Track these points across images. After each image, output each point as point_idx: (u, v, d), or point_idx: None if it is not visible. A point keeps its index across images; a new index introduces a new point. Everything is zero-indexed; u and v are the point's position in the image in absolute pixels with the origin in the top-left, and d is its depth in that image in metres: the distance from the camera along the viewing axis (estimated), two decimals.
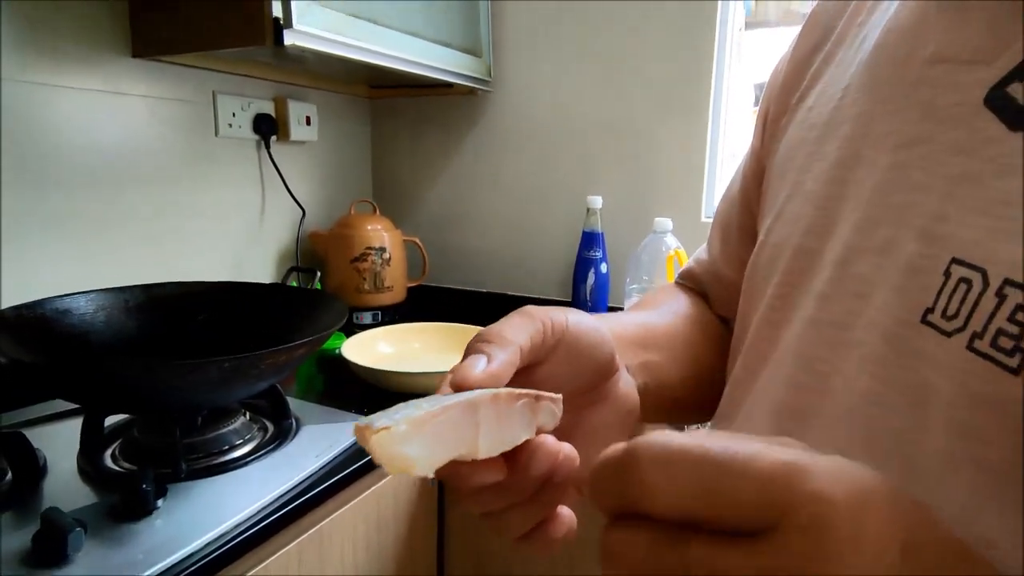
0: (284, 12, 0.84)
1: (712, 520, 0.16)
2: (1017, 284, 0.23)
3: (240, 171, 1.18)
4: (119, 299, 0.80)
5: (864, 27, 0.34)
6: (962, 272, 0.24)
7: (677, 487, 0.16)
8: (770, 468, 0.16)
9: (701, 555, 0.16)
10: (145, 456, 0.69)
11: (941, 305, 0.25)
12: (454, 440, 0.22)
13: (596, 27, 1.21)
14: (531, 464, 0.25)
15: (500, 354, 0.27)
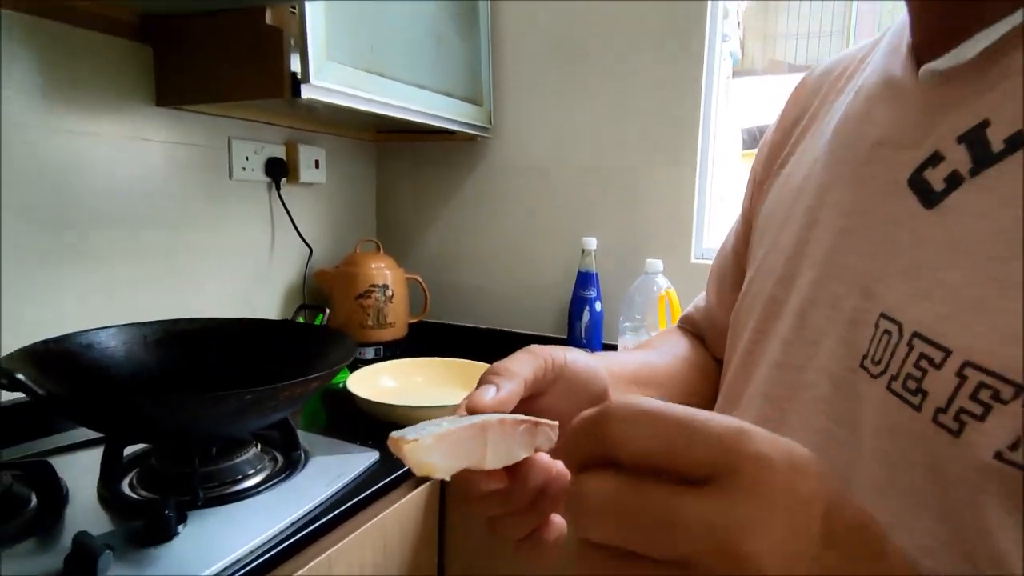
0: (302, 68, 0.91)
1: (670, 470, 0.19)
2: (922, 337, 0.28)
3: (252, 212, 1.23)
4: (139, 334, 0.85)
5: (832, 106, 0.40)
6: (886, 325, 0.30)
7: (642, 439, 0.19)
8: (722, 429, 0.19)
9: (660, 498, 0.19)
10: (162, 485, 0.72)
11: (872, 352, 0.30)
12: (467, 453, 0.27)
13: (590, 78, 1.28)
14: (528, 476, 0.30)
15: (507, 384, 0.32)
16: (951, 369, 0.26)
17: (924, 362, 0.27)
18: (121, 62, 0.98)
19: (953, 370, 0.26)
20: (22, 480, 0.68)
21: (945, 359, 0.27)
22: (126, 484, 0.73)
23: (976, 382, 0.25)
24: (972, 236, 0.27)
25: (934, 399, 0.27)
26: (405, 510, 0.85)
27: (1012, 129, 0.27)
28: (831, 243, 0.34)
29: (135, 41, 0.99)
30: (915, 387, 0.27)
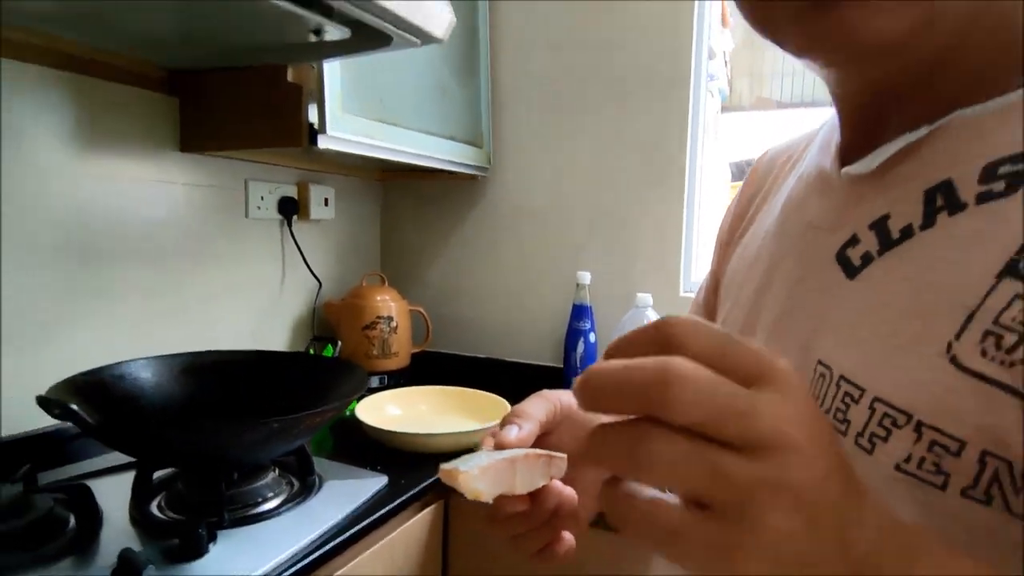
0: (319, 119, 0.99)
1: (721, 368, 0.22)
2: (846, 379, 0.35)
3: (265, 247, 1.30)
4: (167, 365, 0.91)
5: (781, 187, 0.49)
6: (821, 369, 0.37)
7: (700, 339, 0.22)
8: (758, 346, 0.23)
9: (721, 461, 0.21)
10: (188, 507, 0.78)
11: (812, 390, 0.37)
12: (503, 481, 0.35)
13: (583, 120, 1.37)
14: (546, 499, 0.38)
15: (527, 425, 0.40)
16: (865, 403, 0.33)
17: (847, 398, 0.34)
18: (149, 112, 1.06)
19: (867, 404, 0.33)
20: (63, 503, 0.74)
21: (861, 395, 0.34)
22: (155, 506, 0.79)
23: (882, 413, 0.32)
24: (880, 302, 0.35)
25: (855, 426, 0.34)
26: (412, 530, 0.91)
27: (905, 223, 0.35)
28: (781, 306, 0.42)
29: (163, 93, 1.07)
30: (842, 417, 0.35)
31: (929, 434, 0.30)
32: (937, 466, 0.30)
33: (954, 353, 0.30)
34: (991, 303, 0.29)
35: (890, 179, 0.36)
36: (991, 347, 0.29)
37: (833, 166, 0.41)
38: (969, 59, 0.34)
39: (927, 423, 0.30)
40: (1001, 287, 0.29)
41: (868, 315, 0.35)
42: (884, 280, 0.35)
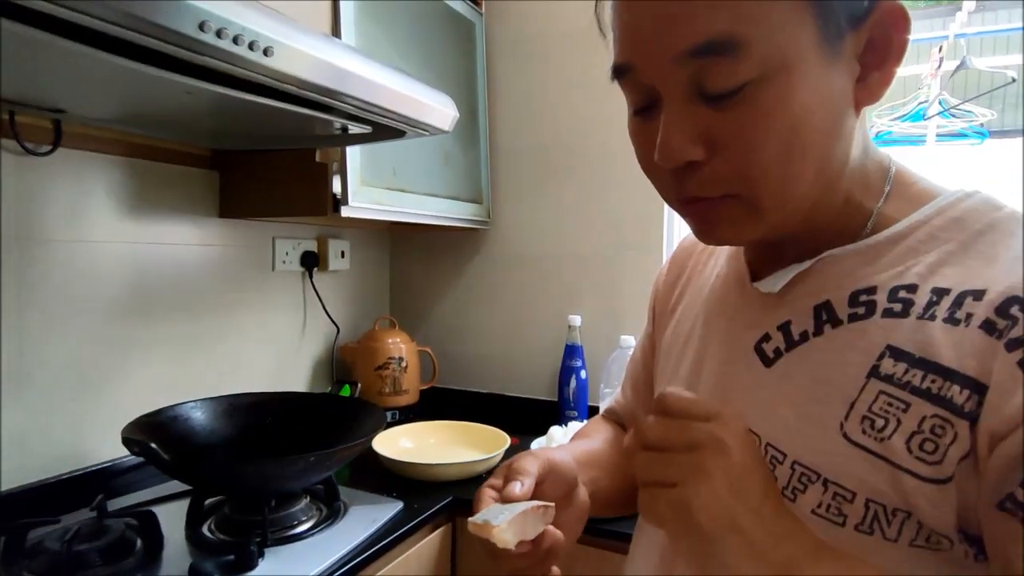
0: (342, 192, 1.15)
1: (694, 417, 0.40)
2: (772, 446, 0.46)
3: (288, 298, 1.46)
4: (213, 406, 1.05)
5: (702, 273, 0.62)
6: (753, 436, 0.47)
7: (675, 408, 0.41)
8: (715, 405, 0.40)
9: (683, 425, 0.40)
10: (235, 529, 0.91)
11: None
12: (520, 531, 0.47)
13: (573, 178, 1.54)
14: (543, 541, 0.49)
15: (527, 481, 0.50)
16: (787, 465, 0.45)
17: (774, 460, 0.45)
18: (193, 185, 1.23)
19: (788, 465, 0.45)
20: (132, 528, 0.88)
21: (784, 459, 0.45)
22: (206, 528, 0.93)
23: (799, 472, 0.44)
24: (790, 388, 0.46)
25: (780, 481, 0.44)
26: (425, 549, 1.04)
27: (802, 328, 0.47)
28: (713, 382, 0.53)
29: (205, 168, 1.24)
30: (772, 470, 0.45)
31: (832, 487, 0.42)
32: (839, 510, 0.42)
33: (845, 431, 0.42)
34: (864, 396, 0.42)
35: (789, 295, 0.49)
36: (868, 428, 0.42)
37: (744, 276, 0.54)
38: (828, 221, 0.47)
39: (831, 479, 0.42)
40: (869, 385, 0.42)
41: (783, 398, 0.47)
42: (791, 372, 0.47)
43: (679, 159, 0.42)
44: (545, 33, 1.54)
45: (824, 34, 0.40)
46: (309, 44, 0.71)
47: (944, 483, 0.39)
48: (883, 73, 0.43)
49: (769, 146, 0.41)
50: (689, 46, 0.40)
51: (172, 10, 0.56)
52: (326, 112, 0.86)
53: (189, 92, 0.73)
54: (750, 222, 0.44)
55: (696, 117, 0.41)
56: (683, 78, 0.41)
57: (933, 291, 0.42)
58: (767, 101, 0.40)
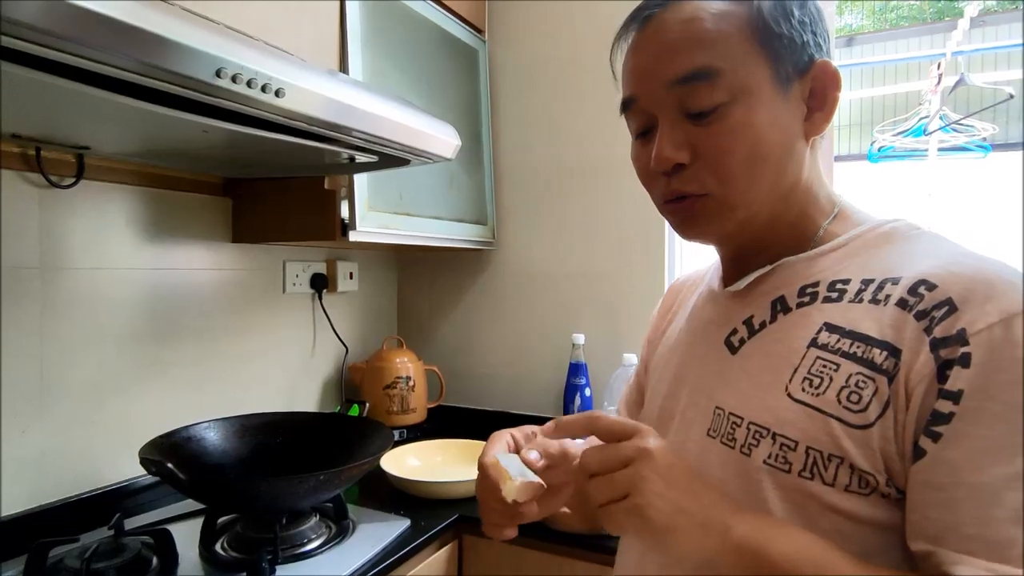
0: (350, 217, 1.19)
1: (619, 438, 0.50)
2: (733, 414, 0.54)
3: (298, 319, 1.49)
4: (225, 426, 1.09)
5: (687, 302, 0.71)
6: (718, 411, 0.56)
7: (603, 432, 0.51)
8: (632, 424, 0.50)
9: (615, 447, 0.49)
10: (247, 546, 0.94)
11: (712, 426, 0.56)
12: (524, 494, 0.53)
13: (576, 199, 1.57)
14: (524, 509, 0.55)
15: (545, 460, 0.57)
16: (743, 426, 0.54)
17: (733, 425, 0.55)
18: (206, 212, 1.27)
19: (744, 426, 0.53)
20: (148, 546, 0.91)
21: (741, 422, 0.54)
22: (219, 546, 0.96)
23: (754, 431, 0.52)
24: (749, 367, 0.56)
25: (739, 441, 0.53)
26: (432, 566, 1.06)
27: (761, 319, 0.57)
28: (694, 374, 0.62)
29: (219, 196, 1.29)
30: (730, 436, 0.54)
31: (779, 439, 0.51)
32: (785, 458, 0.50)
33: (789, 391, 0.52)
34: (805, 362, 0.52)
35: (752, 295, 0.60)
36: (807, 387, 0.51)
37: (719, 286, 0.64)
38: (783, 237, 0.59)
39: (778, 433, 0.51)
40: (809, 353, 0.52)
41: (743, 374, 0.56)
42: (751, 355, 0.57)
43: (667, 164, 0.55)
44: (547, 58, 1.59)
45: (776, 75, 0.53)
46: (318, 84, 0.75)
47: (867, 428, 0.47)
48: (824, 114, 0.56)
49: (736, 153, 0.53)
50: (679, 74, 0.53)
51: (190, 58, 0.60)
52: (334, 145, 0.90)
53: (205, 130, 0.77)
54: (721, 217, 0.56)
55: (683, 131, 0.54)
56: (673, 101, 0.54)
57: (862, 281, 0.52)
58: (735, 119, 0.53)
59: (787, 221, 0.58)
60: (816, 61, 0.55)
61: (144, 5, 0.57)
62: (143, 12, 0.56)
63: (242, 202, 1.30)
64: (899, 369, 0.46)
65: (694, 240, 0.60)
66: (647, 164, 0.56)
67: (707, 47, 0.52)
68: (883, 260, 0.53)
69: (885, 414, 0.46)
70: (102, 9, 0.53)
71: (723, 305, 0.62)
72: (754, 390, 0.54)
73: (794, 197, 0.57)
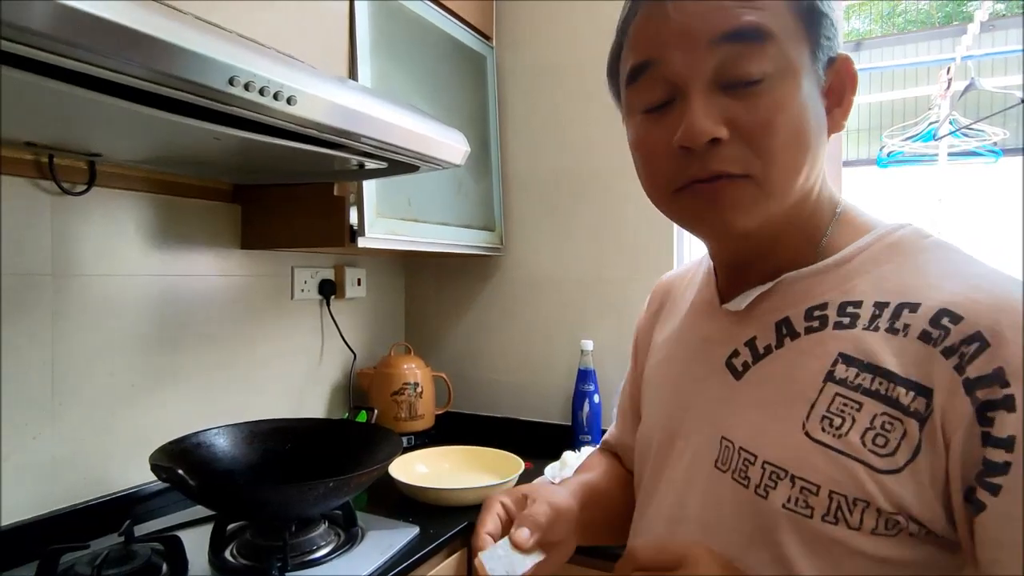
0: (359, 223, 1.19)
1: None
2: (744, 449, 0.51)
3: (307, 325, 1.50)
4: (234, 433, 1.09)
5: (677, 302, 0.68)
6: (726, 443, 0.53)
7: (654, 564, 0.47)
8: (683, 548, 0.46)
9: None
10: (257, 554, 0.94)
11: (720, 457, 0.53)
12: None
13: (584, 204, 1.57)
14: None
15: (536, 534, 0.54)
16: (758, 465, 0.50)
17: (746, 462, 0.51)
18: (216, 218, 1.27)
19: (759, 465, 0.49)
20: (158, 553, 0.90)
21: (755, 459, 0.50)
22: (228, 553, 0.95)
23: (770, 471, 0.49)
24: (758, 396, 0.52)
25: (753, 481, 0.50)
26: (441, 574, 1.05)
27: (766, 343, 0.53)
28: (689, 399, 0.58)
29: (228, 203, 1.29)
30: (744, 475, 0.50)
31: (799, 482, 0.47)
32: (806, 502, 0.47)
33: (807, 430, 0.48)
34: (822, 398, 0.48)
35: (753, 314, 0.55)
36: (827, 426, 0.47)
37: (715, 299, 0.60)
38: (788, 244, 0.54)
39: (797, 475, 0.47)
40: (826, 388, 0.48)
41: (751, 405, 0.53)
42: (758, 382, 0.53)
43: (706, 137, 0.47)
44: (554, 64, 1.59)
45: (812, 59, 0.49)
46: (328, 91, 0.75)
47: (896, 473, 0.44)
48: (842, 111, 0.52)
49: (780, 133, 0.47)
50: (727, 29, 0.46)
51: (204, 66, 0.60)
52: (344, 151, 0.91)
53: (217, 138, 0.78)
54: (756, 205, 0.49)
55: (719, 104, 0.48)
56: (711, 65, 0.47)
57: (875, 305, 0.48)
58: (780, 95, 0.47)
59: (796, 225, 0.53)
60: (840, 55, 0.51)
61: (157, 14, 0.57)
62: (156, 20, 0.57)
63: (251, 209, 1.30)
64: (932, 411, 0.43)
65: (712, 232, 0.54)
66: (664, 141, 0.50)
67: (758, 7, 0.47)
68: (895, 279, 0.49)
69: (917, 459, 0.43)
70: (115, 17, 0.53)
71: (721, 321, 0.58)
72: (767, 424, 0.50)
73: (809, 198, 0.53)
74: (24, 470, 0.97)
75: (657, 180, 0.53)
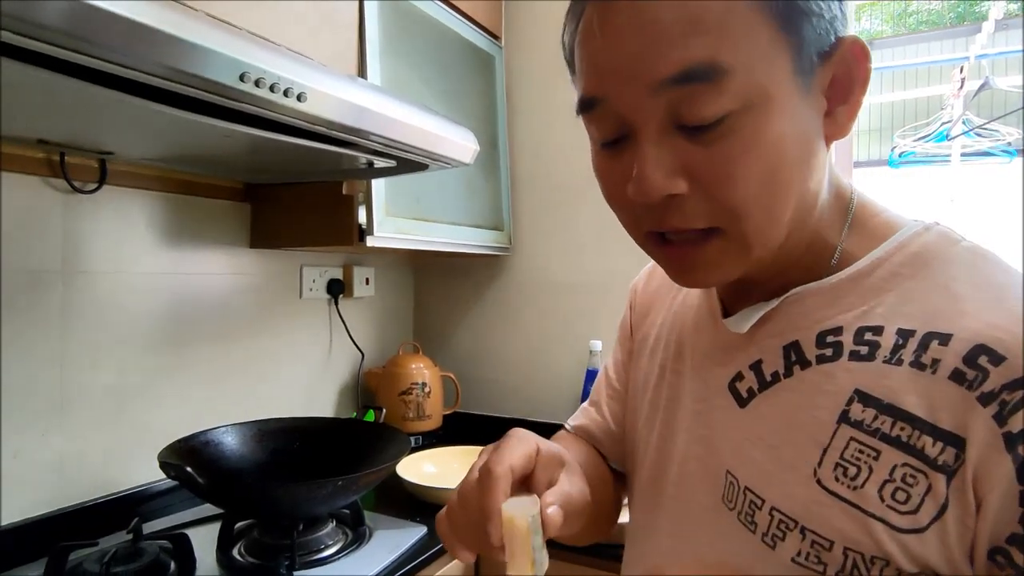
0: (367, 222, 1.19)
1: None
2: (750, 490, 0.45)
3: (315, 324, 1.50)
4: (243, 431, 1.09)
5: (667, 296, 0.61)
6: (730, 479, 0.48)
7: None
8: None
9: None
10: (264, 552, 0.94)
11: (725, 494, 0.48)
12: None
13: (591, 205, 1.56)
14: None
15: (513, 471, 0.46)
16: (765, 511, 0.44)
17: (752, 505, 0.45)
18: (225, 217, 1.28)
19: (767, 512, 0.44)
20: (167, 551, 0.90)
21: (762, 504, 0.45)
22: (236, 552, 0.95)
23: (778, 519, 0.43)
24: (764, 430, 0.46)
25: (760, 528, 0.44)
26: (448, 574, 1.05)
27: (773, 369, 0.47)
28: (689, 421, 0.53)
29: (238, 201, 1.29)
30: (750, 519, 0.45)
31: (810, 536, 0.42)
32: (818, 558, 0.42)
33: (819, 477, 0.42)
34: (836, 443, 0.42)
35: (759, 334, 0.49)
36: (841, 475, 0.41)
37: (716, 312, 0.53)
38: (795, 256, 0.47)
39: (808, 528, 0.42)
40: (840, 431, 0.42)
41: (757, 439, 0.47)
42: (765, 413, 0.47)
43: (658, 193, 0.41)
44: (563, 64, 1.57)
45: (798, 66, 0.40)
46: (338, 88, 0.75)
47: (920, 532, 0.39)
48: (849, 106, 0.43)
49: (752, 179, 0.40)
50: (668, 74, 0.38)
51: (215, 62, 0.60)
52: (354, 149, 0.90)
53: (228, 135, 0.78)
54: (733, 261, 0.44)
55: (674, 149, 0.41)
56: (660, 108, 0.40)
57: (898, 332, 0.42)
58: (748, 133, 0.39)
59: (800, 245, 0.47)
60: (843, 40, 0.42)
61: (169, 10, 0.57)
62: (168, 16, 0.56)
63: (261, 207, 1.31)
64: (963, 465, 0.38)
65: (693, 287, 0.50)
66: (620, 185, 0.43)
67: (710, 32, 0.38)
68: (920, 299, 0.43)
69: (943, 517, 0.38)
70: (128, 13, 0.53)
71: (722, 338, 0.52)
72: (775, 467, 0.45)
73: (810, 219, 0.46)
74: (33, 467, 0.97)
75: (624, 223, 0.48)
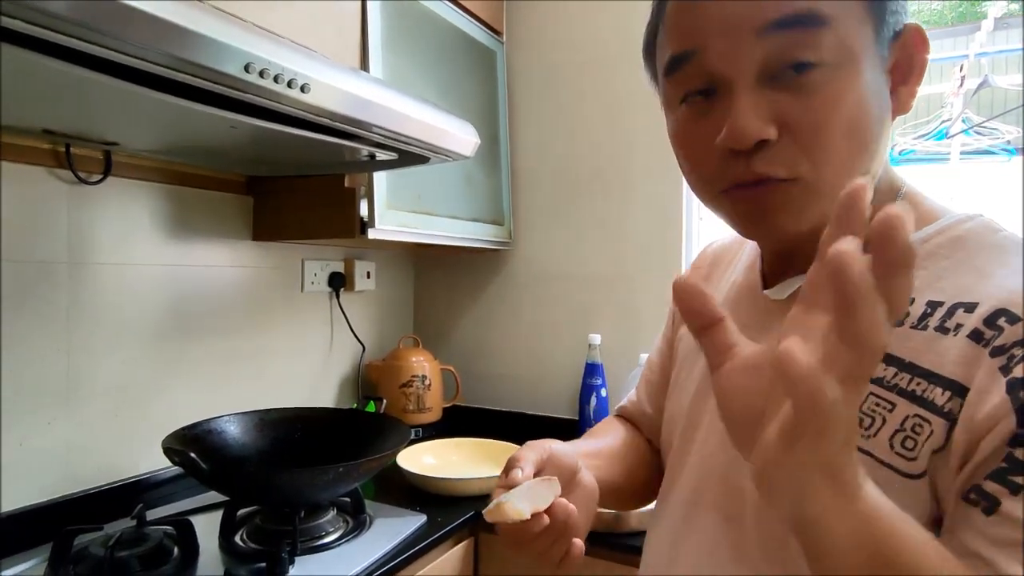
0: (369, 215, 1.20)
1: None
2: None
3: (316, 317, 1.51)
4: (246, 420, 1.10)
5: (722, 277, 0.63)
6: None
7: None
8: None
9: None
10: (266, 538, 0.95)
11: None
12: (531, 501, 0.48)
13: (592, 200, 1.57)
14: (557, 515, 0.49)
15: (527, 467, 0.52)
16: None
17: None
18: (228, 210, 1.29)
19: None
20: (170, 536, 0.92)
21: None
22: (238, 538, 0.97)
23: None
24: None
25: None
26: (448, 561, 1.06)
27: None
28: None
29: (240, 194, 1.31)
30: None
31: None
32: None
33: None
34: None
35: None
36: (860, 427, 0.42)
37: (758, 285, 0.57)
38: None
39: None
40: None
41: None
42: None
43: (752, 138, 0.43)
44: (564, 60, 1.59)
45: (877, 38, 0.45)
46: (341, 80, 0.76)
47: (917, 478, 0.41)
48: (908, 88, 0.47)
49: (836, 130, 0.43)
50: (775, 17, 0.42)
51: (220, 52, 0.61)
52: (355, 141, 0.92)
53: (232, 126, 0.79)
54: (807, 208, 0.45)
55: (768, 99, 0.44)
56: (758, 57, 0.43)
57: (928, 304, 0.44)
58: (838, 87, 0.43)
59: None
60: (908, 26, 0.46)
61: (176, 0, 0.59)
62: (174, 6, 0.58)
63: (263, 200, 1.32)
64: (964, 410, 0.39)
65: (762, 236, 0.52)
66: (706, 138, 0.46)
67: None
68: (953, 277, 0.45)
69: (935, 456, 0.41)
70: (134, 2, 0.55)
71: (762, 308, 0.54)
72: None
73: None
74: (40, 454, 0.99)
75: (700, 180, 0.50)
